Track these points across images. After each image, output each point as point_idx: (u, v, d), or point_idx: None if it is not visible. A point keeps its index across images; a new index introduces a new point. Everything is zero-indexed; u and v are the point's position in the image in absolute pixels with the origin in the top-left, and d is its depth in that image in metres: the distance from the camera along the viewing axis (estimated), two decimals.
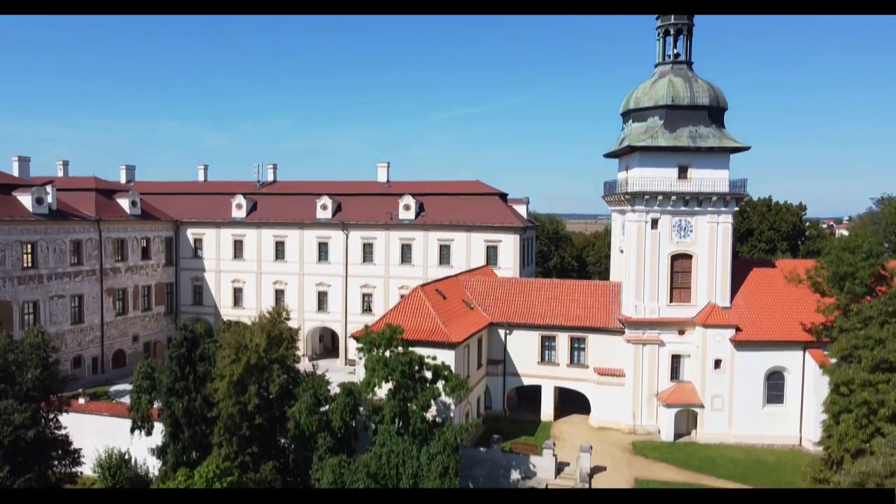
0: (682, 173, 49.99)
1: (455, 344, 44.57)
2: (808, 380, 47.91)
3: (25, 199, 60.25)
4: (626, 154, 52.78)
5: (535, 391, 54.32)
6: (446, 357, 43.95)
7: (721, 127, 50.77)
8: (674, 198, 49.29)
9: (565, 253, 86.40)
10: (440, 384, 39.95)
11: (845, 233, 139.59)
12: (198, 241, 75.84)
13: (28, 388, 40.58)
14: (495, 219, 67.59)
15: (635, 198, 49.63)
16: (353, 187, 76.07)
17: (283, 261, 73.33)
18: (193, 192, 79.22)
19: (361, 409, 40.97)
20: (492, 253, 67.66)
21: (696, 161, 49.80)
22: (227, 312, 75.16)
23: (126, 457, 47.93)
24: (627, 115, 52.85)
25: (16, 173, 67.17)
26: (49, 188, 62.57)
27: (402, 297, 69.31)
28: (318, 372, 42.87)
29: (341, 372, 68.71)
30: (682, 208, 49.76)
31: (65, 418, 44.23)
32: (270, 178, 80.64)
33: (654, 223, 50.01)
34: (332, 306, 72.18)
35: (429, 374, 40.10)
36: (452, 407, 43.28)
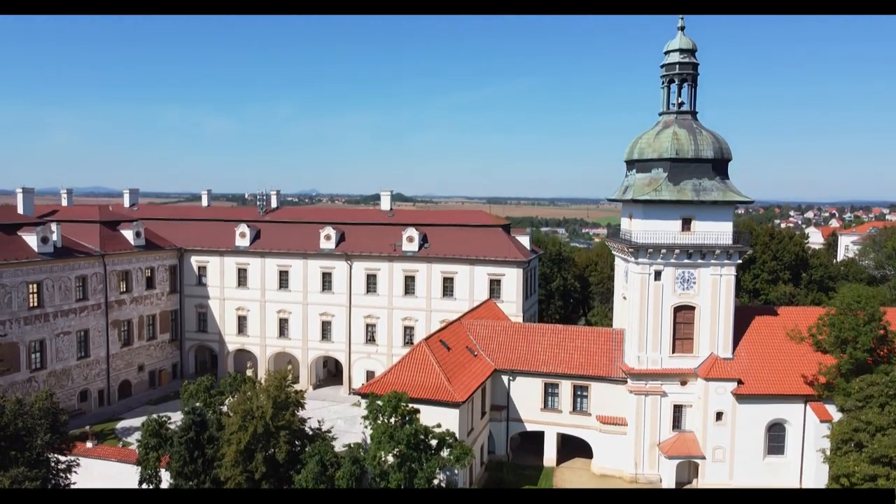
0: (686, 225, 50.13)
1: (459, 403, 44.93)
2: (809, 432, 48.35)
3: (31, 239, 60.45)
4: (630, 202, 52.83)
5: (538, 433, 54.83)
6: (450, 416, 44.51)
7: (725, 178, 50.82)
8: (677, 251, 49.46)
9: (568, 274, 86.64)
10: (445, 451, 40.44)
11: (851, 243, 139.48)
12: (202, 269, 76.13)
13: (38, 453, 41.15)
14: (499, 252, 67.77)
15: (639, 250, 49.80)
16: (355, 216, 76.28)
17: (287, 290, 73.67)
18: (197, 219, 79.43)
19: (367, 467, 41.44)
20: (495, 286, 67.94)
21: (699, 213, 49.89)
22: (232, 340, 75.78)
23: None
24: (631, 163, 52.86)
25: (20, 206, 67.49)
26: (54, 226, 62.78)
27: (405, 328, 70.32)
28: (322, 401, 42.86)
29: (345, 403, 69.53)
30: (686, 261, 49.92)
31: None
32: (274, 204, 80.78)
33: (658, 275, 50.21)
34: (336, 336, 72.61)
35: (434, 442, 40.56)
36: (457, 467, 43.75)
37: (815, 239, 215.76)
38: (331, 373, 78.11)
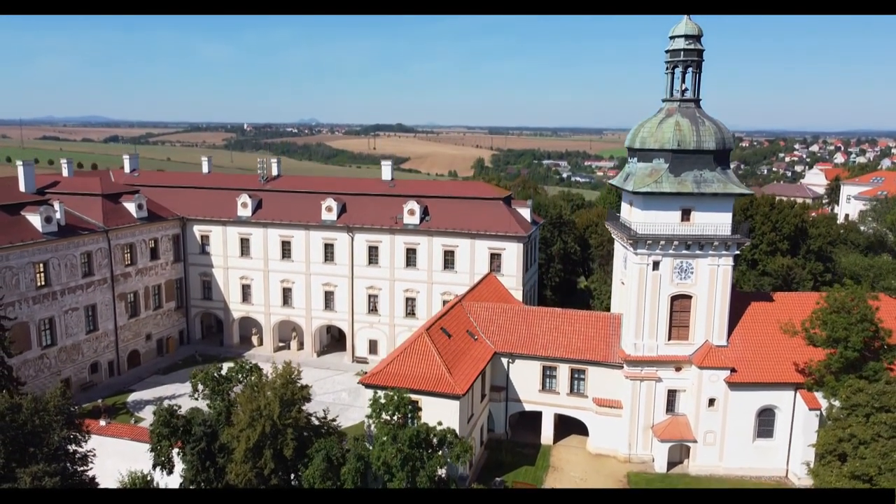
0: (685, 216, 50.38)
1: (459, 396, 46.27)
2: (798, 418, 49.94)
3: (35, 219, 60.87)
4: (630, 192, 52.86)
5: (537, 412, 56.62)
6: (450, 407, 46.05)
7: (726, 168, 50.77)
8: (676, 242, 49.90)
9: (568, 238, 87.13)
10: (446, 449, 42.08)
11: (853, 197, 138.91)
12: (205, 238, 76.72)
13: (56, 448, 42.86)
14: (499, 227, 68.14)
15: (638, 241, 50.23)
16: (357, 186, 76.35)
17: (290, 260, 74.45)
18: (198, 186, 79.38)
19: (371, 464, 43.16)
20: (496, 259, 68.69)
21: (699, 204, 50.06)
22: (236, 308, 77.12)
23: (148, 478, 50.78)
24: (633, 151, 52.66)
25: (21, 181, 67.57)
26: (56, 205, 63.06)
27: (407, 299, 71.55)
28: (326, 369, 43.76)
29: (349, 371, 71.34)
30: (684, 251, 50.43)
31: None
32: (275, 172, 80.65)
33: (656, 265, 50.82)
34: (339, 305, 73.88)
35: (435, 440, 42.16)
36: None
37: (819, 181, 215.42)
38: (334, 338, 79.73)
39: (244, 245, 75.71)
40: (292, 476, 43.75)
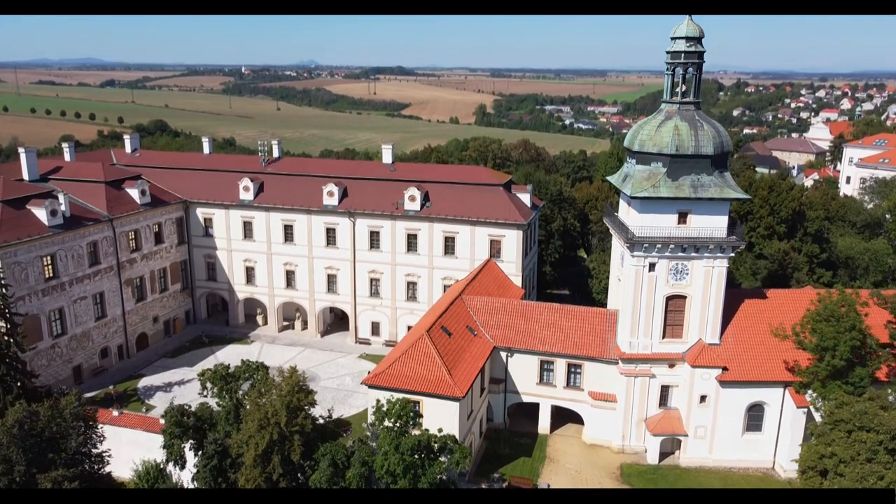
0: (682, 219, 51.06)
1: (459, 398, 47.97)
2: (787, 414, 51.79)
3: (40, 213, 61.56)
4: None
5: (534, 403, 58.53)
6: (450, 408, 47.89)
7: (724, 172, 51.15)
8: (672, 245, 50.75)
9: (568, 214, 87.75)
10: (447, 454, 43.98)
11: (855, 165, 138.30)
12: (208, 221, 77.50)
13: (73, 453, 44.86)
14: (499, 214, 68.76)
15: (635, 244, 51.07)
16: (358, 170, 76.68)
17: (293, 243, 75.42)
18: (199, 168, 79.61)
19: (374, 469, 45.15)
20: (495, 246, 69.59)
21: (696, 207, 50.69)
22: (241, 289, 78.50)
23: (161, 467, 53.09)
24: (632, 153, 52.98)
25: (24, 169, 68.21)
26: (61, 197, 63.68)
27: (408, 283, 72.94)
28: (330, 351, 46.58)
29: (352, 354, 73.26)
30: (680, 254, 51.31)
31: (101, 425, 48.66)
32: (276, 153, 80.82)
33: (652, 266, 51.79)
34: (342, 288, 75.21)
35: (436, 445, 44.01)
36: None
37: (823, 135, 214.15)
38: (338, 317, 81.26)
39: (247, 228, 76.55)
40: (299, 476, 45.91)
